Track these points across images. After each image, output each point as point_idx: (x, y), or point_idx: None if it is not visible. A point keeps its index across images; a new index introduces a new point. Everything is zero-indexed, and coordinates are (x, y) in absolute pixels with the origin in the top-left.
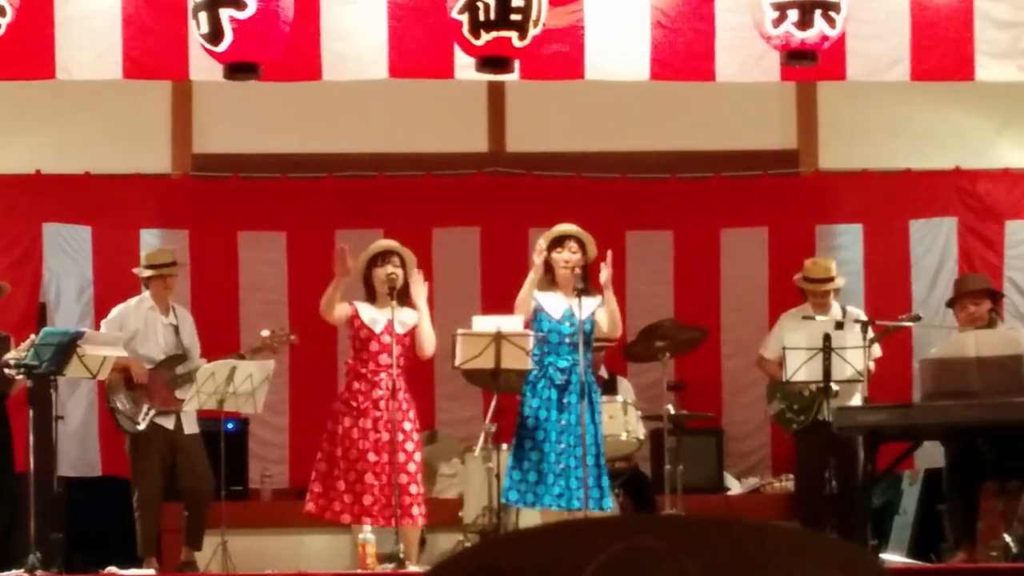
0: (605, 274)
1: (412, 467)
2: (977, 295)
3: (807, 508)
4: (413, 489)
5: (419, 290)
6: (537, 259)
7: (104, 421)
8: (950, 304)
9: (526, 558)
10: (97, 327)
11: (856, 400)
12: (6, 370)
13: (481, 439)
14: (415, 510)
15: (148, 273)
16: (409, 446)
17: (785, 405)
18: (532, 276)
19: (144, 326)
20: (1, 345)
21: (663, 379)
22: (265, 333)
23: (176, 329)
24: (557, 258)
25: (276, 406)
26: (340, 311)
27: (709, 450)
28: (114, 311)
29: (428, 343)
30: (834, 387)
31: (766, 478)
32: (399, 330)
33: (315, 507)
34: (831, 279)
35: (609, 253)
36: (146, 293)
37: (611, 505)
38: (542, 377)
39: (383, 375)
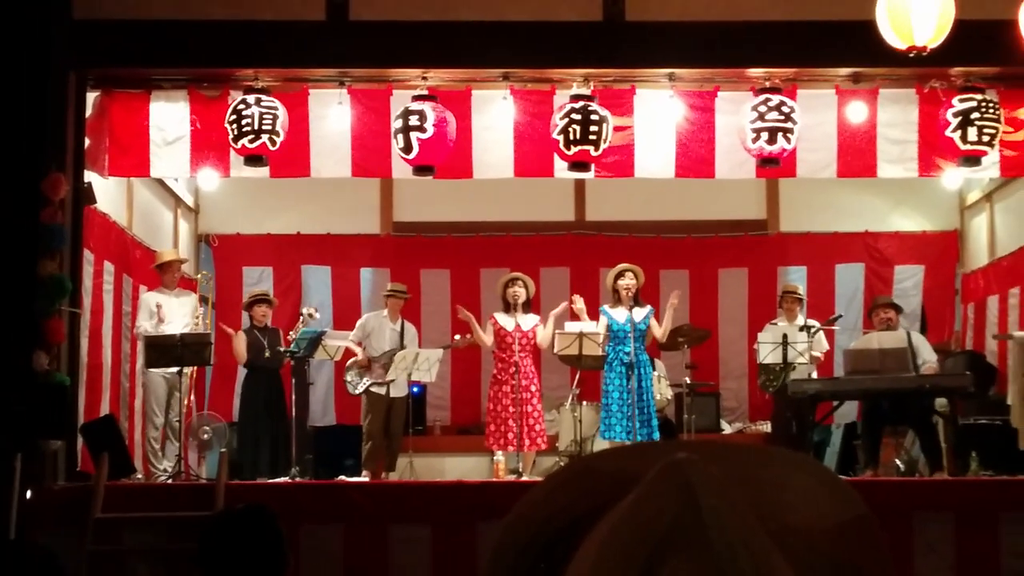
0: (671, 305)
1: (536, 413)
2: (887, 307)
3: (779, 443)
4: (538, 427)
5: (559, 313)
6: (577, 305)
7: (339, 388)
8: (870, 312)
9: (610, 464)
10: (336, 329)
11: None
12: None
13: (570, 398)
14: (540, 440)
15: (386, 293)
16: (535, 400)
17: (765, 377)
18: (552, 321)
19: (377, 328)
20: (274, 336)
21: (683, 361)
22: (457, 337)
23: (400, 335)
24: (621, 283)
25: (443, 373)
26: (489, 335)
27: (711, 406)
28: (364, 316)
29: (542, 340)
30: (796, 365)
31: (746, 424)
32: (524, 328)
33: (488, 441)
34: (797, 293)
35: (676, 292)
36: (386, 309)
37: (657, 438)
38: (615, 360)
39: (515, 358)
